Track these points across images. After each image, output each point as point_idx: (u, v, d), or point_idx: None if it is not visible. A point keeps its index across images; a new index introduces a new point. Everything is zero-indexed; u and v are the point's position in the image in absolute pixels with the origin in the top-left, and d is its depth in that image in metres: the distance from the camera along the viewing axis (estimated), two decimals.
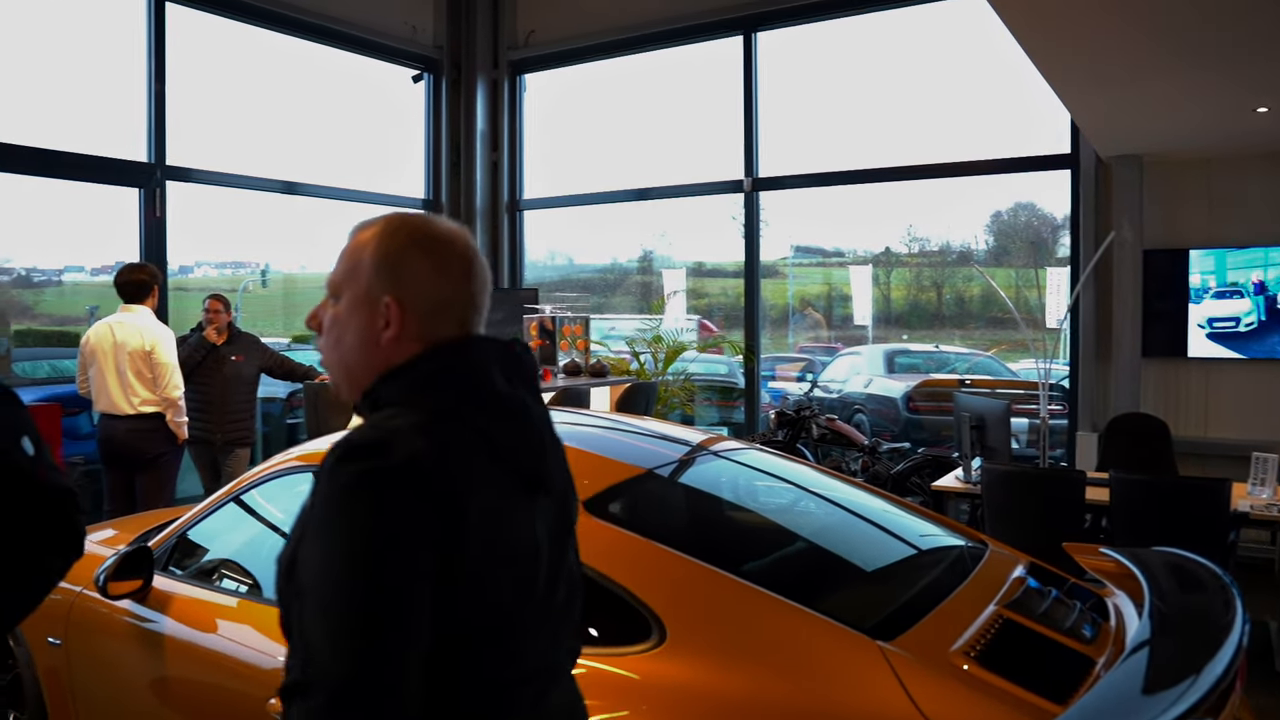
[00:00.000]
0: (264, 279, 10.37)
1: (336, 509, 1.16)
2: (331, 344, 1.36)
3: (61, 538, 1.76)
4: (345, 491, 1.16)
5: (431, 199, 9.18)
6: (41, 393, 6.80)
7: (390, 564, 1.13)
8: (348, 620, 1.12)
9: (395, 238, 1.34)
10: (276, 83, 8.13)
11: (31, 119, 6.34)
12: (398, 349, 1.31)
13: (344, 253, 1.37)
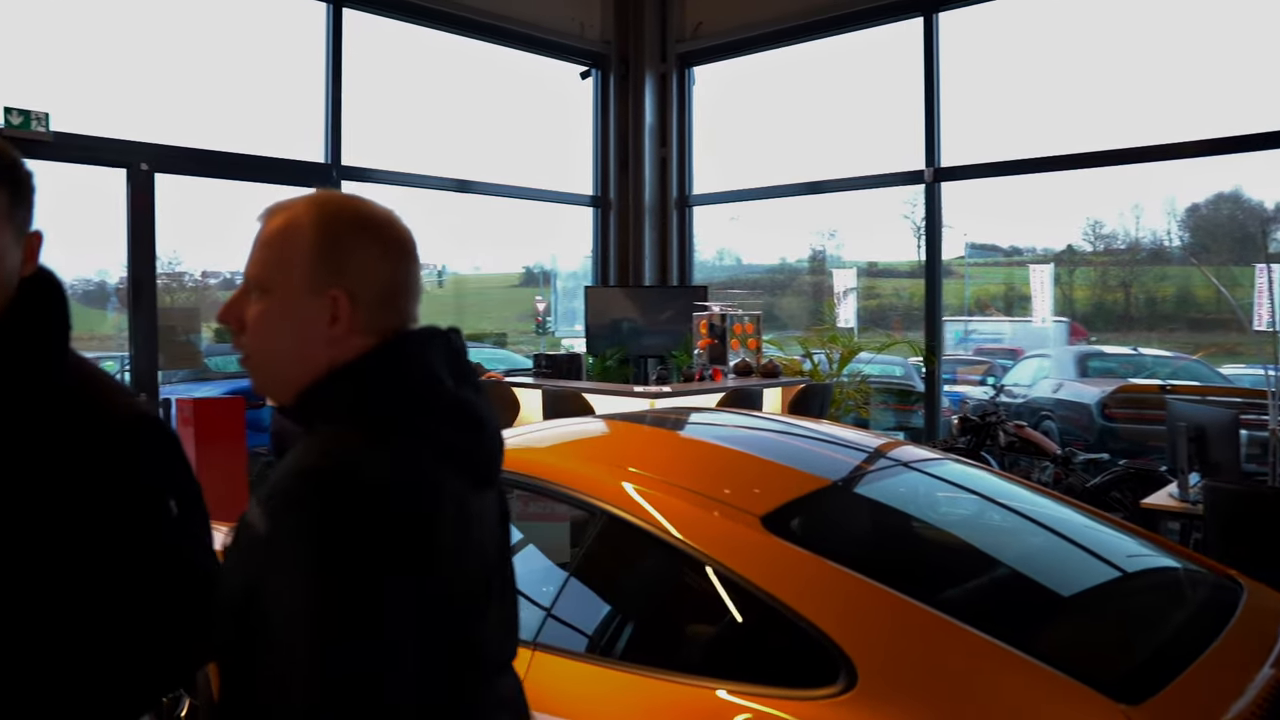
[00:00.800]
0: (440, 279, 10.61)
1: (313, 543, 1.08)
2: (258, 343, 1.23)
3: (179, 639, 1.39)
4: (319, 524, 1.08)
5: (600, 195, 9.11)
6: (231, 386, 7.22)
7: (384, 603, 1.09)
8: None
9: (336, 221, 1.22)
10: (449, 83, 8.25)
11: (223, 125, 6.61)
12: (344, 345, 1.20)
13: (267, 239, 1.22)
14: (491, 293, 12.64)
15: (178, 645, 1.41)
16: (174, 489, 1.43)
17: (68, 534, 1.33)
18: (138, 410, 1.43)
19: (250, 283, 1.22)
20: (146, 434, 1.42)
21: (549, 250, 10.06)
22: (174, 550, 1.42)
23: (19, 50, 5.94)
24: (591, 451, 2.90)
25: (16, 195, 1.34)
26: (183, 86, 6.58)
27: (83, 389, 1.39)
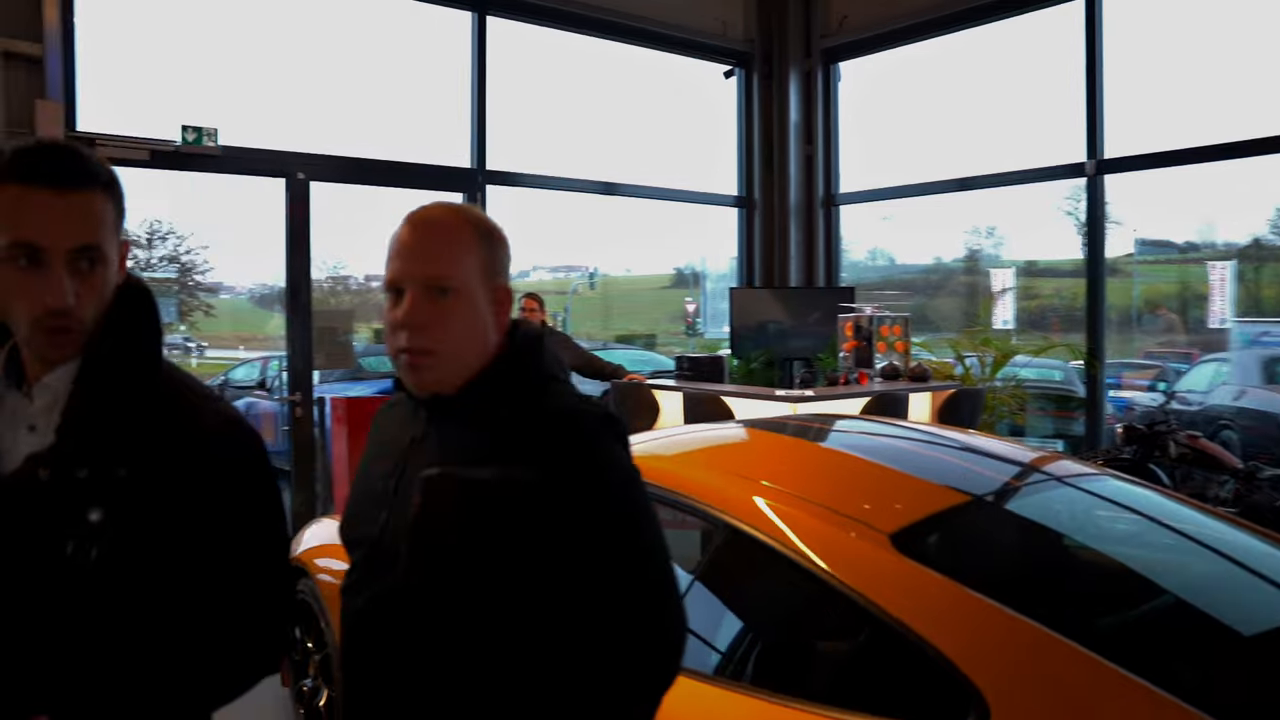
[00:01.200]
0: (592, 281, 10.72)
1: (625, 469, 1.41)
2: (458, 333, 1.40)
3: (260, 632, 1.46)
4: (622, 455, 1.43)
5: (744, 195, 8.99)
6: (383, 385, 7.52)
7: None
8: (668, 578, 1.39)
9: (485, 223, 1.46)
10: (592, 86, 8.29)
11: (373, 134, 6.84)
12: (500, 331, 1.46)
13: (444, 241, 1.40)
14: (642, 295, 12.71)
15: (258, 638, 1.46)
16: (258, 489, 1.47)
17: (162, 530, 1.37)
18: (226, 416, 1.47)
19: (432, 284, 1.38)
20: (232, 439, 1.46)
21: (699, 252, 10.02)
22: (255, 548, 1.46)
23: (191, 71, 6.30)
24: (718, 461, 2.81)
25: (119, 207, 1.39)
26: (336, 98, 6.85)
27: (175, 393, 1.44)
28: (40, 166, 1.29)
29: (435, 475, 1.35)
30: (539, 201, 7.92)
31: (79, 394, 1.36)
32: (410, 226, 1.42)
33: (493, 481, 1.32)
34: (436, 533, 1.34)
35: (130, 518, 1.35)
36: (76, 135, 5.69)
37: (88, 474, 1.34)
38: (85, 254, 1.32)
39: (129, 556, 1.35)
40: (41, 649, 1.35)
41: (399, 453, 1.47)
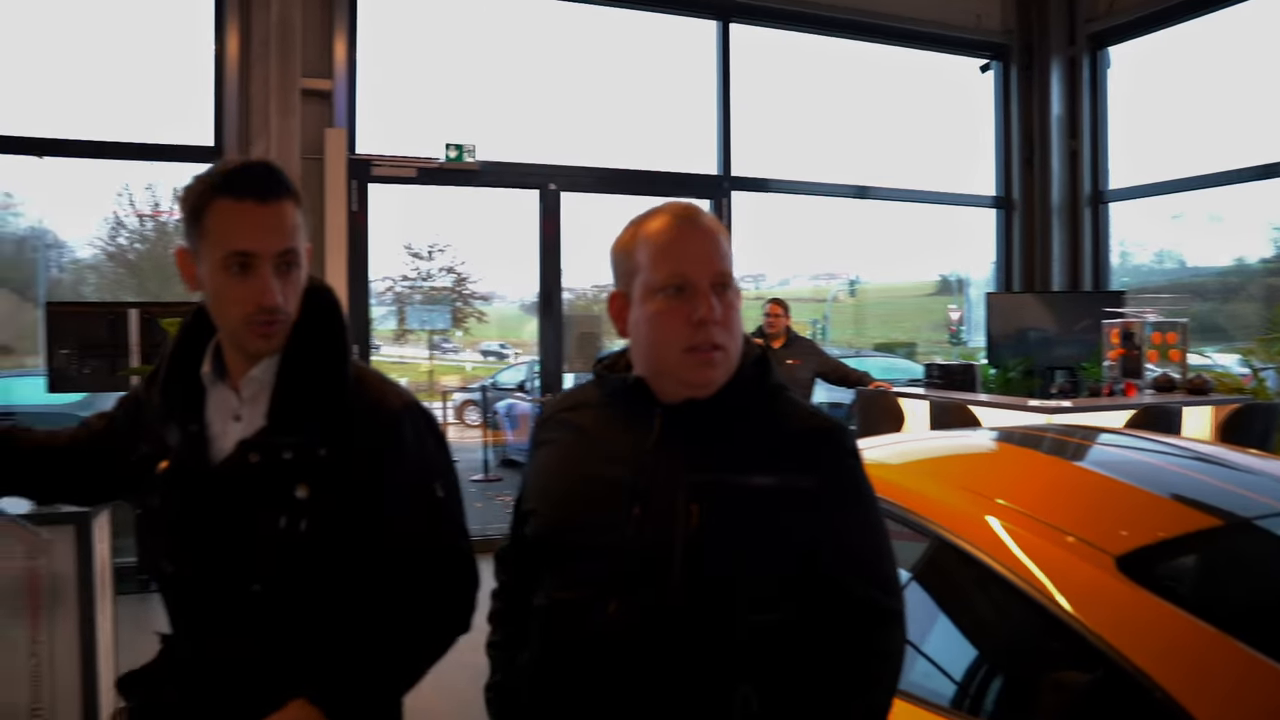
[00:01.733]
0: (852, 289, 10.55)
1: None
2: (735, 336, 1.43)
3: (441, 607, 1.57)
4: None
5: (1003, 195, 8.52)
6: None
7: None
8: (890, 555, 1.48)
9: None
10: (840, 88, 8.16)
11: (625, 144, 7.09)
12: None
13: (723, 239, 1.43)
14: (904, 302, 12.33)
15: (448, 599, 1.57)
16: (438, 474, 1.58)
17: (359, 502, 1.50)
18: (406, 400, 1.58)
19: (720, 279, 1.40)
20: (414, 421, 1.57)
21: (962, 257, 9.61)
22: (435, 530, 1.57)
23: (452, 92, 6.80)
24: (953, 474, 2.66)
25: (303, 214, 1.52)
26: (585, 110, 7.15)
27: (361, 379, 1.57)
28: (247, 182, 1.44)
29: (712, 482, 1.37)
30: (792, 208, 7.90)
31: (282, 385, 1.52)
32: (683, 224, 1.41)
33: (777, 489, 1.37)
34: (718, 541, 1.35)
35: (331, 492, 1.49)
36: (356, 158, 6.28)
37: (293, 455, 1.49)
38: (286, 257, 1.46)
39: (333, 527, 1.49)
40: (275, 622, 1.50)
41: (631, 457, 1.43)
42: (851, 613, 1.40)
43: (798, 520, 1.38)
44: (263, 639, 1.51)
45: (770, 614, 1.38)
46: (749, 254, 8.06)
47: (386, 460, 1.52)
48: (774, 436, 1.42)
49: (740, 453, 1.39)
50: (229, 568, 1.51)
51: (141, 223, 7.47)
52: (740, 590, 1.37)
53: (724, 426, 1.41)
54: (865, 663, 1.40)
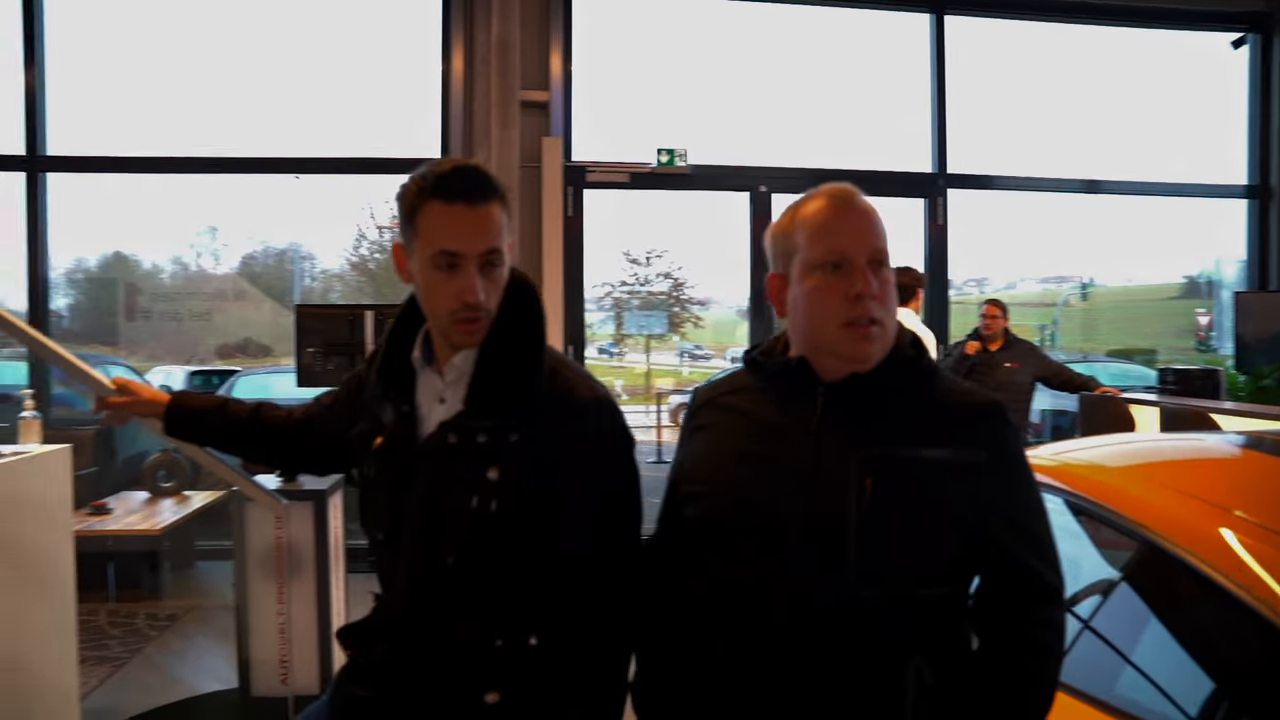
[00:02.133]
0: (1084, 292, 9.96)
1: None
2: (890, 312, 1.47)
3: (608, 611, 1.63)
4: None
5: (1259, 184, 7.76)
6: None
7: None
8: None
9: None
10: (1063, 75, 7.71)
11: (833, 144, 7.01)
12: None
13: (878, 219, 1.48)
14: (1143, 306, 11.48)
15: (618, 608, 1.61)
16: (616, 469, 1.64)
17: (545, 486, 1.60)
18: (597, 394, 1.65)
19: (877, 255, 1.45)
20: (601, 415, 1.63)
21: (1212, 256, 8.84)
22: (605, 525, 1.62)
23: (664, 97, 6.95)
24: (1168, 477, 2.46)
25: (509, 214, 1.63)
26: (794, 110, 7.12)
27: (554, 370, 1.65)
28: (457, 185, 1.54)
29: (883, 455, 1.39)
30: (1017, 206, 7.56)
31: (480, 372, 1.63)
32: (840, 204, 1.48)
33: (947, 462, 1.39)
34: (891, 513, 1.37)
35: (520, 476, 1.59)
36: (571, 165, 6.55)
37: (486, 439, 1.60)
38: (490, 257, 1.57)
39: (520, 509, 1.59)
40: (467, 594, 1.63)
41: (798, 436, 1.45)
42: (1018, 586, 1.42)
43: (967, 493, 1.40)
44: (456, 609, 1.63)
45: (941, 587, 1.41)
46: (969, 255, 7.71)
47: (570, 449, 1.59)
48: (936, 412, 1.45)
49: (905, 427, 1.43)
50: (428, 539, 1.64)
51: (380, 233, 8.11)
52: (913, 563, 1.38)
53: (884, 403, 1.44)
54: (1034, 635, 1.41)
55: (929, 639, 1.40)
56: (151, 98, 6.89)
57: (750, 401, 1.57)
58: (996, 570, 1.43)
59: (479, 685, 1.62)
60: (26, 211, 6.45)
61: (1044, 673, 1.40)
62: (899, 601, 1.38)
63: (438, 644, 1.66)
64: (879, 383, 1.45)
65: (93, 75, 6.72)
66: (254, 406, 2.10)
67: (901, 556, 1.38)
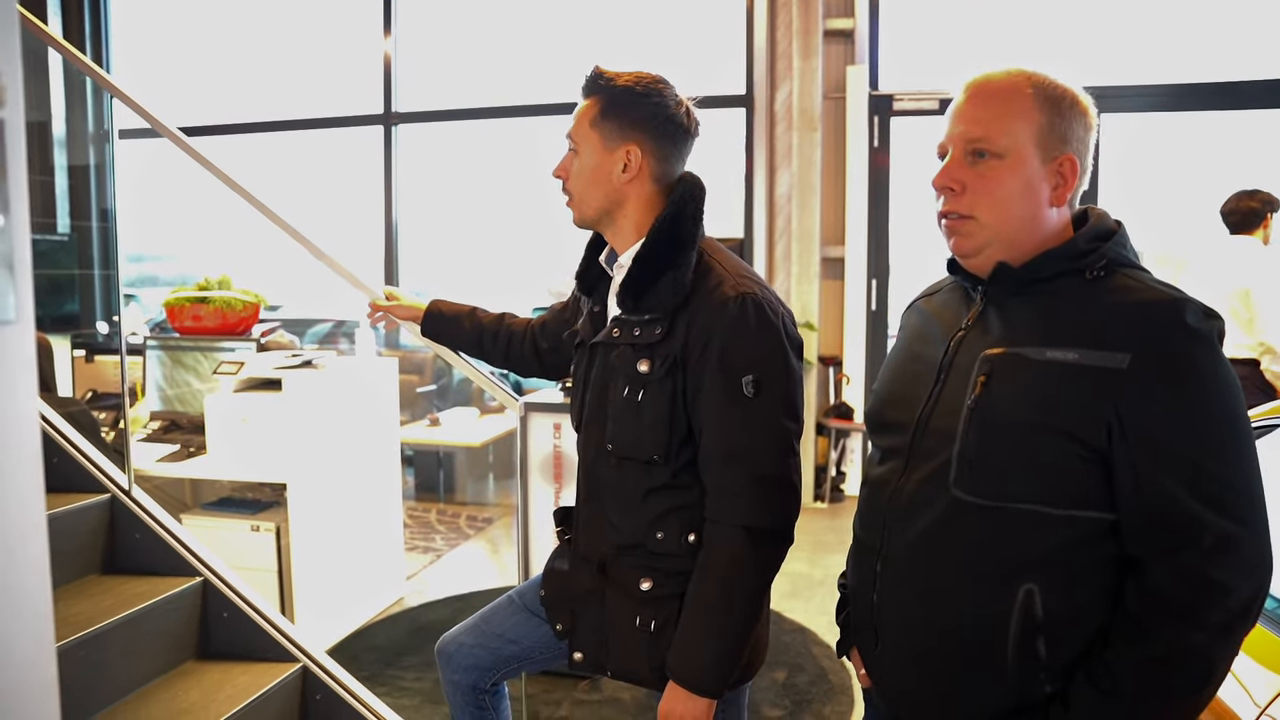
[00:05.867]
0: None
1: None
2: (999, 200, 1.36)
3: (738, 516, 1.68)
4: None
5: None
6: None
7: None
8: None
9: (1054, 88, 1.34)
10: None
11: (1174, 55, 6.20)
12: (1061, 211, 1.37)
13: (997, 103, 1.34)
14: None
15: (765, 501, 1.66)
16: (754, 369, 1.65)
17: (690, 381, 1.68)
18: (742, 290, 1.67)
19: (976, 145, 1.33)
20: (743, 312, 1.65)
21: None
22: (738, 425, 1.65)
23: (978, 15, 6.48)
24: None
25: (607, 111, 1.78)
26: (1128, 18, 6.37)
27: (708, 268, 1.72)
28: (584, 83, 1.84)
29: (1005, 355, 1.28)
30: None
31: (632, 270, 1.74)
32: (964, 91, 1.37)
33: (1075, 366, 1.22)
34: (999, 417, 1.27)
35: (666, 369, 1.68)
36: (877, 94, 6.34)
37: (640, 333, 1.71)
38: (569, 138, 1.83)
39: (665, 401, 1.68)
40: (623, 484, 1.76)
41: (948, 333, 1.42)
42: (1163, 525, 1.19)
43: (1097, 404, 1.20)
44: (618, 499, 1.77)
45: (1066, 509, 1.23)
46: None
47: (711, 345, 1.65)
48: (1096, 310, 1.25)
49: (1050, 326, 1.27)
50: (593, 429, 1.79)
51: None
52: (1021, 478, 1.24)
53: (1043, 301, 1.30)
54: (1176, 590, 1.18)
55: (1053, 567, 1.24)
56: (484, 53, 7.50)
57: (938, 303, 1.54)
58: (1140, 504, 1.21)
59: (637, 573, 1.75)
60: (384, 161, 7.32)
61: (1192, 641, 1.18)
62: (1007, 515, 1.25)
63: (601, 530, 1.80)
64: (1032, 278, 1.32)
65: (435, 37, 7.44)
66: (499, 315, 2.33)
67: (1008, 467, 1.25)
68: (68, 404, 3.51)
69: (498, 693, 2.13)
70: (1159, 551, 1.20)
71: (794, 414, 1.69)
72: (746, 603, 1.67)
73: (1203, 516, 1.17)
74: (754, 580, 1.68)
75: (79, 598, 2.56)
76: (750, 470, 1.65)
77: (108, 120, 7.29)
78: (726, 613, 1.66)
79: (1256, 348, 4.48)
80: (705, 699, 1.66)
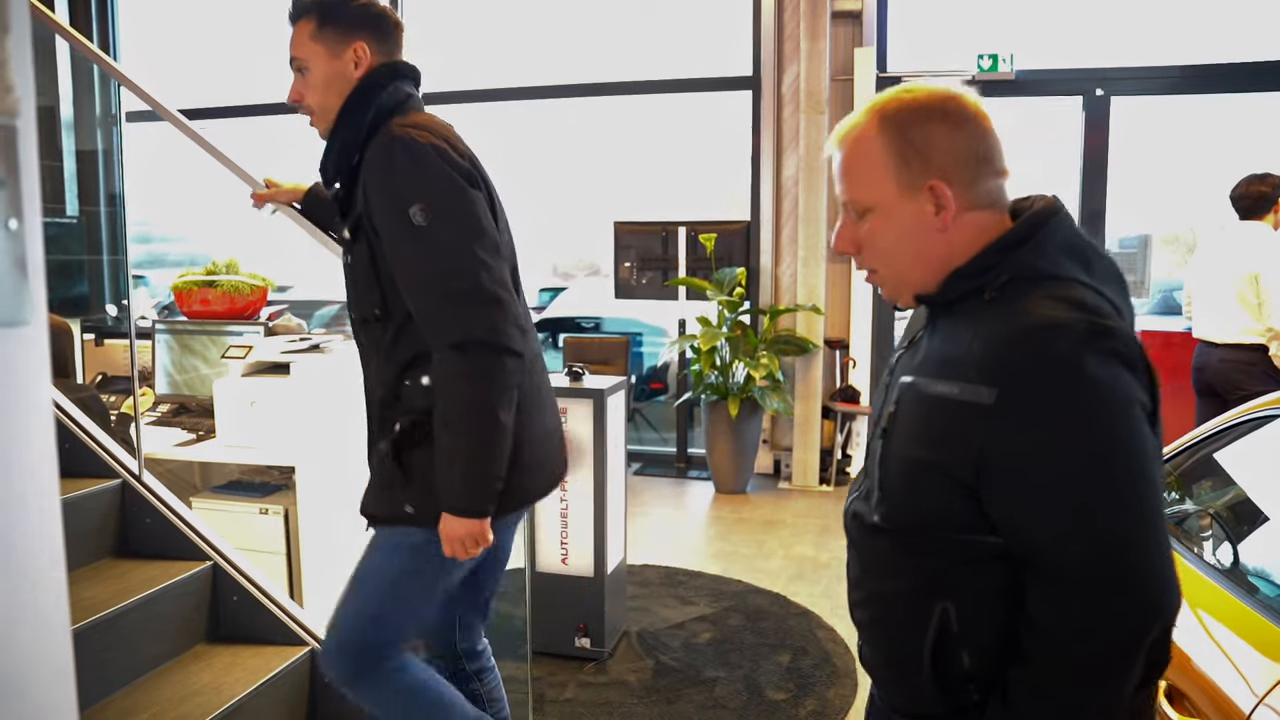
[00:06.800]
0: None
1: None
2: (879, 259, 1.34)
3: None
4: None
5: None
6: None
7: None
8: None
9: (901, 117, 1.23)
10: None
11: (1183, 37, 6.16)
12: (959, 228, 1.25)
13: (848, 167, 1.29)
14: None
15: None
16: (417, 198, 1.82)
17: (369, 239, 1.91)
18: (396, 134, 1.87)
19: (850, 208, 1.29)
20: (390, 153, 1.85)
21: None
22: (405, 256, 1.86)
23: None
24: None
25: (323, 26, 1.98)
26: (1135, 4, 6.32)
27: (390, 131, 1.90)
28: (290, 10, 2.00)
29: (910, 384, 1.27)
30: None
31: (326, 146, 2.00)
32: (833, 145, 1.30)
33: (954, 400, 1.17)
34: (897, 448, 1.26)
35: (356, 227, 1.94)
36: (885, 76, 6.31)
37: (338, 202, 2.04)
38: (295, 64, 2.01)
39: (367, 260, 1.92)
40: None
41: (900, 352, 1.40)
42: (1034, 560, 1.15)
43: (968, 441, 1.16)
44: (374, 363, 2.01)
45: (968, 535, 1.20)
46: None
47: (372, 191, 1.86)
48: (981, 338, 1.17)
49: (946, 355, 1.22)
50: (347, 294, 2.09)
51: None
52: (917, 505, 1.23)
53: (954, 325, 1.24)
54: (1044, 623, 1.14)
55: (964, 586, 1.22)
56: (489, 35, 7.47)
57: (916, 310, 1.52)
58: (1010, 542, 1.17)
59: (394, 420, 1.95)
60: None
61: (1046, 687, 1.16)
62: (915, 542, 1.25)
63: (373, 392, 2.04)
64: (945, 301, 1.26)
65: (443, 19, 7.41)
66: None
67: (904, 496, 1.25)
68: (79, 389, 3.54)
69: (475, 658, 2.27)
70: (1031, 583, 1.17)
71: (474, 229, 1.84)
72: (478, 418, 1.80)
73: (1065, 558, 1.12)
74: (476, 392, 1.80)
75: (92, 582, 2.59)
76: (439, 291, 1.80)
77: (115, 104, 7.29)
78: (462, 432, 1.80)
79: (1265, 333, 4.46)
80: (469, 519, 1.82)
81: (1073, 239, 1.22)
